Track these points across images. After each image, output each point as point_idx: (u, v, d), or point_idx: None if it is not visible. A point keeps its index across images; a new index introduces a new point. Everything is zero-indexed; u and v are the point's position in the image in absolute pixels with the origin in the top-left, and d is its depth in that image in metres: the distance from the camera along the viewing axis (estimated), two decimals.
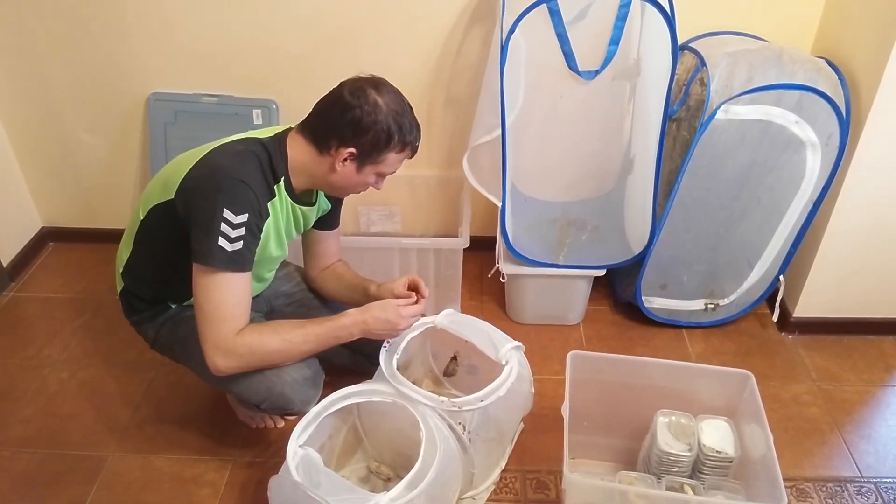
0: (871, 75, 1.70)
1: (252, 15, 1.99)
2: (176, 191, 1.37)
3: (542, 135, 1.92)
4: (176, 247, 1.40)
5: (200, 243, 1.31)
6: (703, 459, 1.44)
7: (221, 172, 1.34)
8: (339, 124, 1.37)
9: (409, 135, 1.41)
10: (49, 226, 2.45)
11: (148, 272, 1.53)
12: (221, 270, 1.32)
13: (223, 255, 1.31)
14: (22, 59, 2.09)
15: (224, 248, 1.30)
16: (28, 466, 1.66)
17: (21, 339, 2.06)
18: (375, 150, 1.39)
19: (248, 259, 1.36)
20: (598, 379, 1.53)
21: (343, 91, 1.39)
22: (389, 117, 1.37)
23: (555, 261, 1.98)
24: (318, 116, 1.42)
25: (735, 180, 1.81)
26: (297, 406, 1.48)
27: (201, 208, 1.32)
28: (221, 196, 1.31)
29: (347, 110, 1.36)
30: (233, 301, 1.35)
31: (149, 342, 1.60)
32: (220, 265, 1.31)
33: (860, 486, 1.64)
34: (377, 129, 1.36)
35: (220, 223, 1.30)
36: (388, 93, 1.39)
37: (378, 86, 1.39)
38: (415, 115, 1.44)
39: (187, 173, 1.37)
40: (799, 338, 2.07)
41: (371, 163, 1.42)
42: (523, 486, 1.63)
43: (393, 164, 1.45)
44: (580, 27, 1.69)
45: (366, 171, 1.43)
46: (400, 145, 1.41)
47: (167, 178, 1.42)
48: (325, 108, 1.41)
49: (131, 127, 2.21)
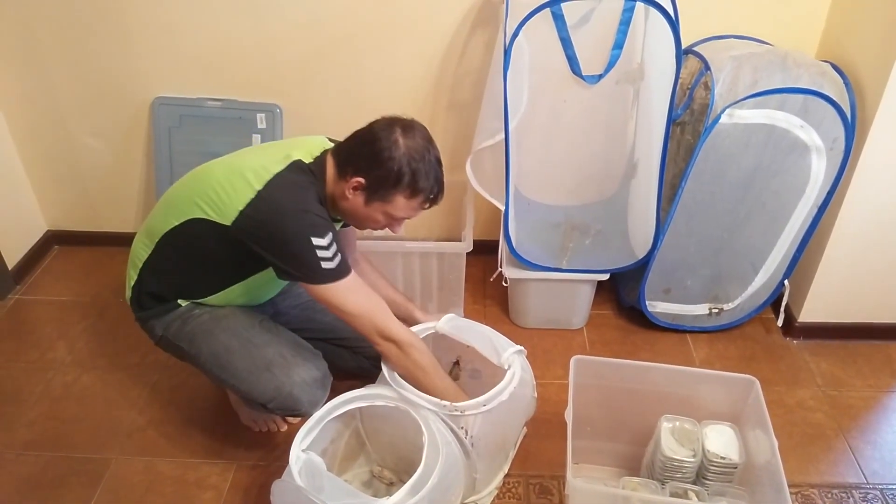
0: (876, 79, 1.69)
1: (256, 20, 2.00)
2: (234, 221, 1.38)
3: (546, 139, 1.92)
4: (214, 258, 1.47)
5: (305, 271, 1.39)
6: (707, 465, 1.43)
7: (290, 211, 1.37)
8: (359, 153, 1.41)
9: (423, 182, 1.41)
10: (54, 229, 2.46)
11: (168, 271, 1.54)
12: (337, 282, 1.40)
13: (331, 272, 1.39)
14: (27, 64, 2.10)
15: (330, 268, 1.39)
16: (32, 469, 1.67)
17: (26, 342, 2.06)
18: (383, 186, 1.40)
19: (347, 262, 1.43)
20: (602, 384, 1.52)
21: (375, 124, 1.42)
22: (405, 158, 1.38)
23: (558, 265, 1.98)
24: (348, 142, 1.46)
25: (739, 184, 1.80)
26: (304, 407, 1.49)
27: (288, 246, 1.37)
28: (303, 230, 1.36)
29: (370, 142, 1.40)
30: (364, 297, 1.45)
31: (154, 339, 1.60)
32: (334, 279, 1.40)
33: (866, 492, 1.63)
34: (389, 166, 1.38)
35: (315, 251, 1.36)
36: (414, 137, 1.40)
37: (408, 127, 1.41)
38: (440, 165, 1.44)
39: (247, 208, 1.37)
40: (804, 343, 2.06)
41: (378, 200, 1.42)
42: (526, 491, 1.62)
43: (403, 209, 1.44)
44: (584, 31, 1.68)
45: (373, 207, 1.44)
46: (409, 190, 1.41)
47: (214, 200, 1.41)
48: (355, 136, 1.45)
49: (136, 131, 2.22)
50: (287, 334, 1.61)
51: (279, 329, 1.61)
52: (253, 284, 1.56)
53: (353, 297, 1.43)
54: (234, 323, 1.56)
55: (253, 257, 1.41)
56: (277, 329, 1.61)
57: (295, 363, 1.51)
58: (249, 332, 1.55)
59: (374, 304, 1.46)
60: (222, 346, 1.52)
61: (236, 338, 1.53)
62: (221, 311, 1.57)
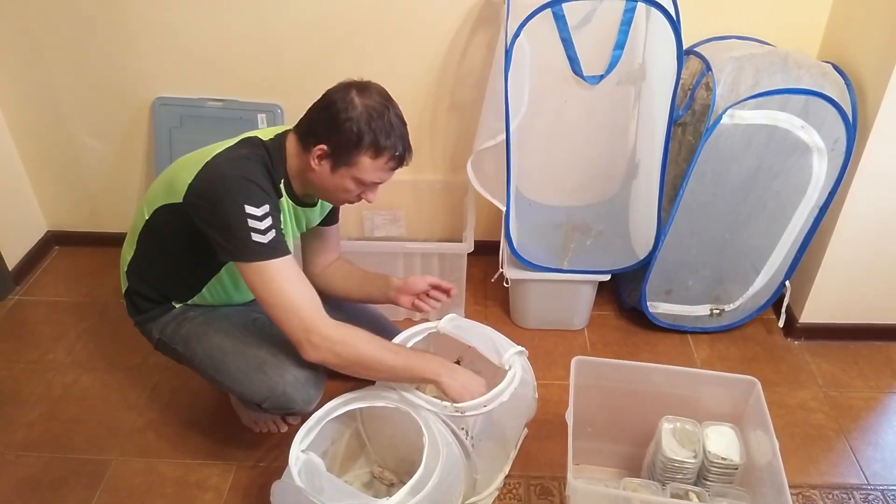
0: (877, 80, 1.69)
1: (257, 20, 2.00)
2: (184, 195, 1.37)
3: (547, 139, 1.91)
4: (183, 246, 1.42)
5: (235, 244, 1.32)
6: (708, 466, 1.43)
7: (230, 175, 1.34)
8: (318, 120, 1.38)
9: (385, 139, 1.35)
10: (54, 229, 2.46)
11: (152, 271, 1.55)
12: (266, 261, 1.33)
13: (261, 247, 1.32)
14: (28, 64, 2.10)
15: (261, 241, 1.32)
16: (32, 470, 1.66)
17: (26, 342, 2.06)
18: (346, 149, 1.36)
19: (284, 242, 1.37)
20: (603, 385, 1.52)
21: (330, 90, 1.39)
22: (363, 117, 1.33)
23: (559, 266, 1.98)
24: (307, 114, 1.42)
25: (741, 185, 1.80)
26: (298, 405, 1.48)
27: (221, 213, 1.32)
28: (238, 196, 1.32)
29: (327, 107, 1.36)
30: (293, 285, 1.35)
31: (152, 343, 1.60)
32: (264, 257, 1.32)
33: (867, 493, 1.63)
34: (347, 126, 1.33)
35: (247, 220, 1.31)
36: (370, 96, 1.36)
37: (363, 88, 1.37)
38: (402, 122, 1.39)
39: (194, 178, 1.37)
40: (805, 343, 2.06)
41: (344, 164, 1.38)
42: (527, 492, 1.62)
43: (371, 172, 1.39)
44: (585, 31, 1.68)
45: (340, 174, 1.39)
46: (372, 149, 1.35)
47: (172, 181, 1.42)
48: (313, 106, 1.41)
49: (136, 131, 2.22)
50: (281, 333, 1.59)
51: (273, 327, 1.60)
52: (230, 279, 1.55)
53: (279, 284, 1.33)
54: (227, 323, 1.55)
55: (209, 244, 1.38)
56: (271, 328, 1.59)
57: (288, 362, 1.48)
58: (242, 331, 1.54)
59: (305, 296, 1.36)
60: (216, 346, 1.52)
61: (229, 338, 1.53)
62: (215, 312, 1.57)
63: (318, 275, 1.72)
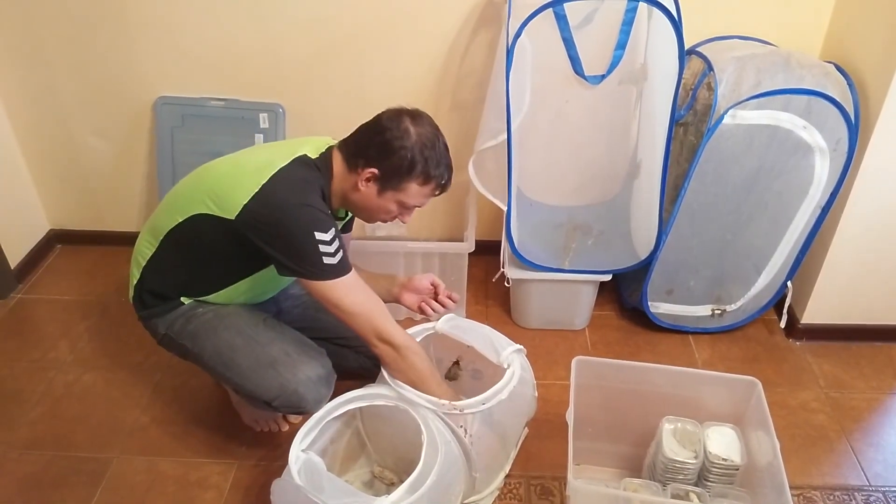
0: (879, 80, 1.69)
1: (258, 19, 2.00)
2: (238, 215, 1.38)
3: (548, 139, 1.91)
4: (220, 254, 1.47)
5: (307, 267, 1.39)
6: (708, 467, 1.43)
7: (294, 204, 1.37)
8: (370, 144, 1.42)
9: (435, 169, 1.43)
10: (57, 228, 2.46)
11: (173, 270, 1.54)
12: (340, 279, 1.41)
13: (333, 268, 1.39)
14: (30, 64, 2.11)
15: (332, 264, 1.39)
16: (34, 468, 1.67)
17: (28, 341, 2.07)
18: (397, 175, 1.41)
19: (347, 258, 1.44)
20: (604, 385, 1.52)
21: (382, 115, 1.43)
22: (417, 146, 1.40)
23: (560, 265, 1.98)
24: (355, 135, 1.47)
25: (742, 185, 1.80)
26: (309, 404, 1.49)
27: (290, 240, 1.37)
28: (307, 226, 1.37)
29: (379, 132, 1.41)
30: (364, 296, 1.45)
31: (157, 338, 1.60)
32: (337, 276, 1.40)
33: (868, 494, 1.63)
34: (402, 154, 1.39)
35: (318, 246, 1.36)
36: (423, 125, 1.42)
37: (415, 117, 1.43)
38: (448, 152, 1.46)
39: (252, 200, 1.37)
40: (807, 344, 2.06)
41: (392, 189, 1.43)
42: (527, 492, 1.62)
43: (415, 197, 1.46)
44: (586, 31, 1.68)
45: (386, 197, 1.45)
46: (422, 177, 1.42)
47: (219, 195, 1.42)
48: (362, 129, 1.46)
49: (138, 131, 2.22)
50: (291, 332, 1.61)
51: (283, 327, 1.62)
52: (256, 281, 1.56)
53: (353, 296, 1.43)
54: (238, 321, 1.56)
55: (256, 253, 1.41)
56: (282, 327, 1.61)
57: (300, 361, 1.51)
58: (253, 329, 1.55)
59: (374, 304, 1.46)
60: (226, 343, 1.52)
61: (240, 335, 1.53)
62: (225, 310, 1.57)
63: None
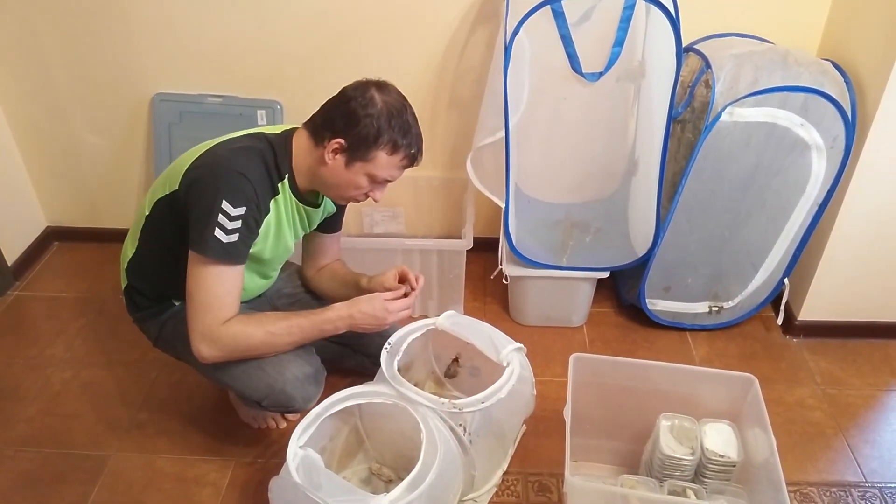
0: (877, 78, 1.69)
1: (256, 16, 1.99)
2: (179, 182, 1.38)
3: (546, 136, 1.91)
4: (179, 240, 1.41)
5: (197, 232, 1.33)
6: (705, 463, 1.43)
7: (223, 164, 1.35)
8: (335, 115, 1.39)
9: (402, 137, 1.38)
10: (54, 225, 2.46)
11: (152, 268, 1.54)
12: (214, 261, 1.34)
13: (218, 245, 1.32)
14: (27, 61, 2.10)
15: (219, 239, 1.32)
16: (30, 466, 1.67)
17: (25, 338, 2.06)
18: (364, 144, 1.37)
19: (241, 252, 1.37)
20: (601, 382, 1.52)
21: (347, 87, 1.41)
22: (383, 114, 1.36)
23: (558, 263, 1.98)
24: (320, 110, 1.44)
25: (740, 183, 1.80)
26: (298, 403, 1.49)
27: (201, 198, 1.34)
28: (221, 187, 1.32)
29: (344, 102, 1.38)
30: (222, 291, 1.36)
31: (151, 340, 1.60)
32: (214, 255, 1.33)
33: (864, 490, 1.63)
34: (367, 122, 1.35)
35: (218, 214, 1.31)
36: (389, 94, 1.39)
37: (381, 86, 1.40)
38: (417, 123, 1.42)
39: (190, 164, 1.39)
40: (804, 341, 2.06)
41: (360, 160, 1.39)
42: (525, 489, 1.62)
43: (385, 168, 1.41)
44: (584, 29, 1.68)
45: (355, 169, 1.40)
46: (390, 146, 1.38)
47: (171, 172, 1.43)
48: (327, 102, 1.43)
49: (136, 127, 2.22)
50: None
51: None
52: None
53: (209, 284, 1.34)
54: None
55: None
56: None
57: (287, 359, 1.48)
58: None
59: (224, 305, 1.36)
60: None
61: None
62: None
63: (311, 278, 1.74)
